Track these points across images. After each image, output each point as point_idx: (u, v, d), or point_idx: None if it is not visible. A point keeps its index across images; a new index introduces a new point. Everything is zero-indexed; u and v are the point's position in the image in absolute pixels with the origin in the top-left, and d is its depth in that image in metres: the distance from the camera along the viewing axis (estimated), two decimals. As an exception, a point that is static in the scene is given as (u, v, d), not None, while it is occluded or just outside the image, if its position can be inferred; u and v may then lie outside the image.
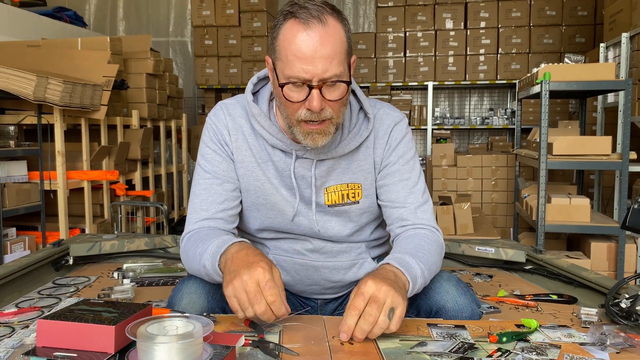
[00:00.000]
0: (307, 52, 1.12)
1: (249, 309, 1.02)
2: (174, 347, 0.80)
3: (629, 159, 3.42)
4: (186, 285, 1.27)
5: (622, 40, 3.94)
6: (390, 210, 1.38)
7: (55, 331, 0.86)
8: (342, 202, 1.36)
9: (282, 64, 1.16)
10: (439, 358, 0.97)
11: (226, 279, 1.07)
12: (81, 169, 3.67)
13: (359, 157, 1.36)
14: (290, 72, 1.14)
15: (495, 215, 5.49)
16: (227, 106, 1.38)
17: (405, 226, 1.37)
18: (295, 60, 1.13)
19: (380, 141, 1.38)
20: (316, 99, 1.15)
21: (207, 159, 1.36)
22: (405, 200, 1.37)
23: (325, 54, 1.13)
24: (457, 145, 6.68)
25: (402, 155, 1.39)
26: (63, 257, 2.00)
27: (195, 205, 1.34)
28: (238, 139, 1.35)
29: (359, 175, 1.37)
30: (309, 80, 1.14)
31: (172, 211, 5.12)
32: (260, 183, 1.35)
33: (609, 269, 3.57)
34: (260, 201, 1.36)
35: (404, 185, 1.38)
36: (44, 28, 4.99)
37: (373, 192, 1.40)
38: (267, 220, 1.38)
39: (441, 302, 1.23)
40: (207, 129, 1.38)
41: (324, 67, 1.13)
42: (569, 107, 5.90)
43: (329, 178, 1.35)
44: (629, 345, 1.15)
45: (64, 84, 3.22)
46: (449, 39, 5.97)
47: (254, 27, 6.21)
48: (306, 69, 1.13)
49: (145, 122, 4.56)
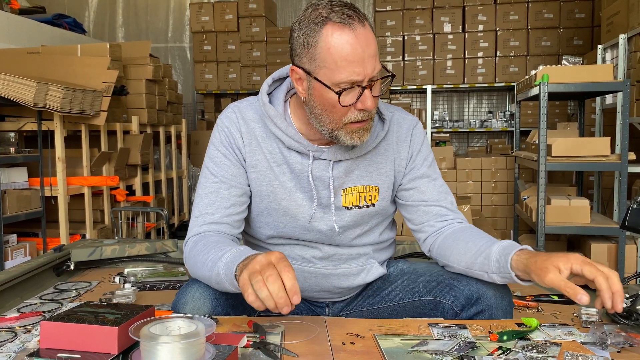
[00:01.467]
0: (358, 54, 1.13)
1: (263, 290, 0.96)
2: (177, 347, 0.80)
3: (627, 160, 3.43)
4: (190, 290, 1.24)
5: (620, 42, 3.96)
6: (426, 208, 1.41)
7: (59, 333, 0.86)
8: (359, 205, 1.36)
9: (329, 71, 1.15)
10: (440, 357, 0.98)
11: (244, 269, 1.04)
12: (81, 175, 3.68)
13: (378, 160, 1.37)
14: (341, 77, 1.14)
15: (496, 217, 5.50)
16: (240, 109, 1.36)
17: (447, 220, 1.40)
18: (347, 64, 1.13)
19: (403, 145, 1.40)
20: (369, 98, 1.16)
21: (215, 162, 1.34)
22: (439, 198, 1.41)
23: (371, 53, 1.14)
24: (456, 148, 6.69)
25: (426, 157, 1.43)
26: (64, 263, 2.01)
27: (202, 208, 1.32)
28: (251, 143, 1.33)
29: (377, 178, 1.37)
30: (361, 82, 1.15)
31: (173, 216, 5.13)
32: (273, 188, 1.33)
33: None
34: (272, 206, 1.35)
35: (434, 185, 1.41)
36: (43, 35, 5.01)
37: (389, 195, 1.41)
38: (279, 225, 1.36)
39: (483, 288, 1.24)
40: (219, 132, 1.35)
41: (372, 66, 1.15)
42: (567, 109, 5.92)
43: (347, 179, 1.35)
44: (630, 344, 1.15)
45: (63, 90, 3.23)
46: (447, 43, 5.99)
47: (252, 33, 6.23)
48: (358, 71, 1.13)
49: (145, 127, 4.57)
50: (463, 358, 0.97)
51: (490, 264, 1.21)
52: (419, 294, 1.36)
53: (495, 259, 1.20)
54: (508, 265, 1.17)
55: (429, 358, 0.98)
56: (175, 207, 5.19)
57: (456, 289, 1.28)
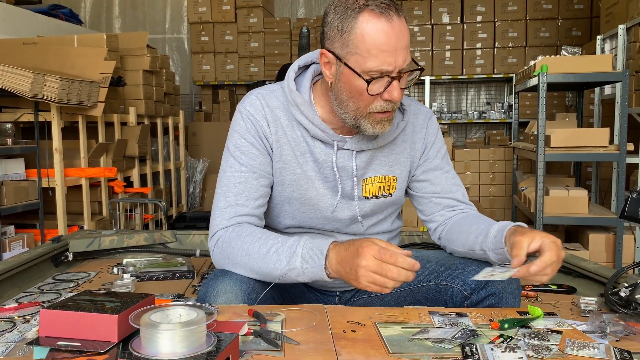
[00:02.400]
0: (391, 44, 1.12)
1: (389, 283, 1.03)
2: (177, 334, 0.80)
3: (626, 151, 3.43)
4: (222, 283, 1.21)
5: (619, 32, 3.95)
6: (438, 199, 1.42)
7: (58, 321, 0.86)
8: (378, 195, 1.37)
9: (362, 58, 1.14)
10: (441, 344, 0.98)
11: (349, 278, 1.08)
12: (79, 166, 3.66)
13: (396, 150, 1.38)
14: (373, 65, 1.14)
15: (494, 208, 5.51)
16: (264, 96, 1.32)
17: (456, 209, 1.41)
18: (379, 53, 1.13)
19: (418, 136, 1.40)
20: (397, 90, 1.16)
21: (243, 151, 1.30)
22: (451, 190, 1.42)
23: (404, 45, 1.14)
24: (454, 140, 6.68)
25: (439, 149, 1.44)
26: (62, 253, 2.00)
27: (230, 199, 1.28)
28: (277, 131, 1.31)
29: (395, 168, 1.38)
30: (390, 72, 1.14)
31: (171, 208, 5.12)
32: (297, 177, 1.32)
33: (607, 260, 3.59)
34: (294, 195, 1.33)
35: (447, 177, 1.43)
36: (39, 26, 4.97)
37: (404, 185, 1.42)
38: (299, 215, 1.36)
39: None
40: (243, 120, 1.31)
41: (404, 58, 1.14)
42: (565, 100, 5.92)
43: (368, 170, 1.35)
44: (629, 333, 1.15)
45: (60, 81, 3.21)
46: (445, 34, 5.98)
47: (250, 23, 6.20)
48: (389, 61, 1.13)
49: (143, 119, 4.55)
50: (464, 346, 0.97)
51: (487, 241, 1.24)
52: (426, 279, 1.36)
53: (492, 236, 1.23)
54: (503, 241, 1.19)
55: (430, 346, 0.98)
56: (173, 199, 5.18)
57: (465, 273, 1.29)
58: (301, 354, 0.93)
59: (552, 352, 0.95)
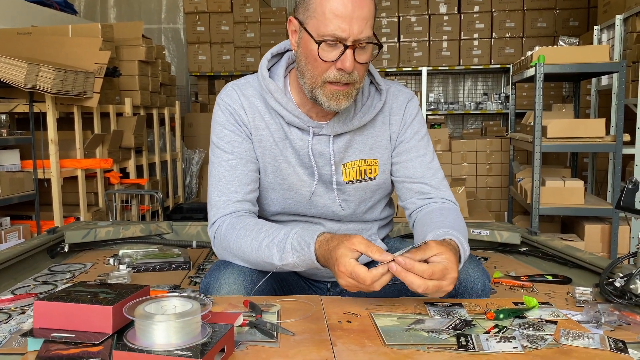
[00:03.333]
0: (346, 10, 1.12)
1: (368, 289, 1.02)
2: (172, 325, 0.80)
3: (622, 141, 3.44)
4: (225, 274, 1.22)
5: (616, 22, 3.94)
6: (409, 185, 1.40)
7: (53, 312, 0.85)
8: (360, 178, 1.37)
9: (317, 22, 1.16)
10: (436, 334, 0.98)
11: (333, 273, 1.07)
12: (75, 158, 3.65)
13: (376, 133, 1.37)
14: (326, 29, 1.14)
15: (490, 199, 5.51)
16: (239, 86, 1.35)
17: (428, 199, 1.39)
18: (334, 17, 1.13)
19: (396, 117, 1.39)
20: (350, 59, 1.15)
21: (226, 140, 1.32)
22: (424, 175, 1.39)
23: (362, 15, 1.14)
24: (451, 131, 6.68)
25: (417, 131, 1.41)
26: (58, 245, 2.00)
27: (222, 187, 1.30)
28: (255, 118, 1.33)
29: (376, 151, 1.37)
30: (345, 40, 1.14)
31: (167, 199, 5.11)
32: (278, 163, 1.34)
33: (603, 250, 3.60)
34: (277, 181, 1.35)
35: (421, 161, 1.40)
36: (33, 15, 4.92)
37: (388, 168, 1.41)
38: (284, 201, 1.37)
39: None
40: (222, 111, 1.34)
41: (359, 28, 1.14)
42: (562, 91, 5.91)
43: (347, 154, 1.35)
44: (623, 322, 1.16)
45: (55, 71, 3.18)
46: (442, 24, 5.95)
47: (246, 13, 6.16)
48: (343, 27, 1.13)
49: (138, 109, 4.53)
50: (459, 336, 0.97)
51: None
52: None
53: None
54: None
55: (425, 336, 0.98)
56: (169, 190, 5.17)
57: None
58: (296, 345, 0.93)
59: (547, 342, 0.96)
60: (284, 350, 0.91)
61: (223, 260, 1.30)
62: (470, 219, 3.53)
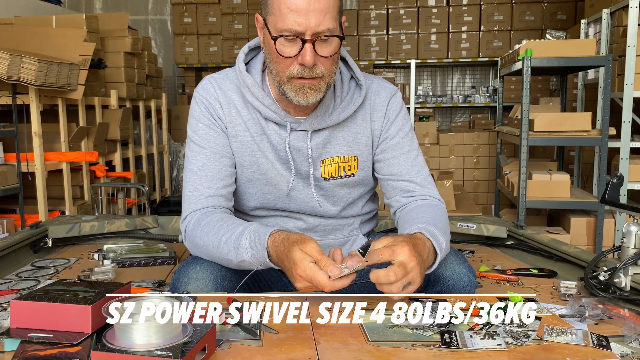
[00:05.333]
0: (301, 4, 1.10)
1: (324, 289, 1.00)
2: (152, 325, 0.79)
3: (608, 135, 3.46)
4: (193, 270, 1.22)
5: (603, 17, 3.95)
6: (394, 183, 1.39)
7: (30, 312, 0.84)
8: (339, 175, 1.35)
9: (275, 18, 1.14)
10: (421, 331, 0.98)
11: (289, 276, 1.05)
12: (59, 150, 3.60)
13: (356, 130, 1.35)
14: (283, 25, 1.12)
15: (477, 192, 5.54)
16: (217, 80, 1.33)
17: (412, 196, 1.38)
18: (289, 12, 1.11)
19: (378, 114, 1.37)
20: (309, 53, 1.13)
21: (201, 134, 1.31)
22: (409, 172, 1.38)
23: (318, 7, 1.11)
24: (439, 124, 6.69)
25: (401, 127, 1.39)
26: (42, 239, 1.97)
27: (195, 182, 1.29)
28: (231, 112, 1.31)
29: (356, 148, 1.36)
30: (302, 34, 1.12)
31: (154, 192, 5.07)
32: (256, 158, 1.32)
33: (588, 243, 3.63)
34: (255, 176, 1.34)
35: (406, 158, 1.38)
36: (16, 5, 4.84)
37: (369, 165, 1.40)
38: (263, 196, 1.36)
39: (440, 270, 1.23)
40: (197, 104, 1.33)
41: (317, 21, 1.11)
42: (550, 84, 5.94)
43: (326, 150, 1.34)
44: (607, 316, 1.16)
45: (38, 62, 3.13)
46: (431, 16, 5.94)
47: (234, 4, 6.10)
48: (299, 21, 1.11)
49: (124, 102, 4.48)
50: (443, 333, 0.97)
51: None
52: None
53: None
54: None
55: (409, 333, 0.97)
56: (156, 183, 5.13)
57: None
58: (280, 343, 0.92)
59: (530, 338, 0.96)
60: (266, 349, 0.90)
61: (194, 256, 1.28)
62: (457, 212, 3.54)
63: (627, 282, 1.29)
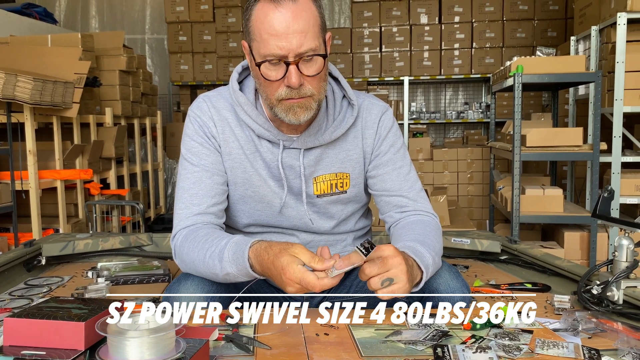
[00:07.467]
0: (280, 28, 1.12)
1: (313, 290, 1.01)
2: (146, 341, 0.79)
3: (599, 150, 3.49)
4: (184, 286, 1.23)
5: (592, 34, 4.02)
6: (387, 198, 1.40)
7: (23, 329, 0.84)
8: (331, 192, 1.37)
9: (257, 44, 1.16)
10: (413, 346, 0.98)
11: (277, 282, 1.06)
12: (54, 168, 3.60)
13: (347, 147, 1.37)
14: (266, 50, 1.14)
15: (471, 207, 5.56)
16: (210, 98, 1.35)
17: (405, 212, 1.39)
18: (269, 37, 1.13)
19: (370, 131, 1.39)
20: (294, 74, 1.15)
21: (193, 152, 1.33)
22: (401, 188, 1.39)
23: (298, 29, 1.13)
24: (433, 140, 6.73)
25: (392, 144, 1.41)
26: (35, 258, 1.97)
27: (186, 199, 1.30)
28: (225, 130, 1.33)
29: (347, 165, 1.38)
30: (285, 57, 1.14)
31: (148, 210, 5.06)
32: (249, 175, 1.34)
33: (582, 257, 3.64)
34: (248, 193, 1.35)
35: (398, 174, 1.40)
36: (12, 25, 4.87)
37: (361, 181, 1.41)
38: (256, 213, 1.37)
39: (434, 284, 1.24)
40: (191, 123, 1.35)
41: (298, 42, 1.13)
42: (542, 100, 6.00)
43: (318, 168, 1.35)
44: (600, 330, 1.17)
45: (33, 81, 3.15)
46: (423, 34, 6.01)
47: (228, 23, 6.16)
48: (281, 45, 1.13)
49: (119, 119, 4.50)
50: (436, 347, 0.97)
51: None
52: None
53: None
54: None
55: (402, 348, 0.98)
56: (151, 200, 5.12)
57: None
58: (273, 359, 0.92)
59: (522, 351, 0.96)
60: (260, 364, 0.90)
61: (185, 273, 1.29)
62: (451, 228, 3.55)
63: (619, 295, 1.30)
